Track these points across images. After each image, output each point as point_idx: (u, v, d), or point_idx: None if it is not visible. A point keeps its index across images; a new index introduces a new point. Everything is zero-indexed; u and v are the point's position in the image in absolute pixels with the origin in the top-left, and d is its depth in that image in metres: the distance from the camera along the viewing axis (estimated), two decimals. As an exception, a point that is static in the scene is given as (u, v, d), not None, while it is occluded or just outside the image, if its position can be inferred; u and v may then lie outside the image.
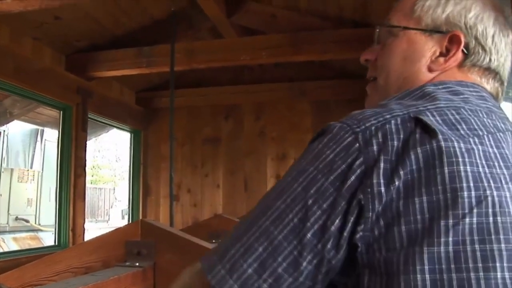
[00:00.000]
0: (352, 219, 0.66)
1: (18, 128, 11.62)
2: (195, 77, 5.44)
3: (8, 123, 9.00)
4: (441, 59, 0.89)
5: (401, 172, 0.66)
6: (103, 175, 29.48)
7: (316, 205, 0.68)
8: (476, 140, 0.71)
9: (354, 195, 0.67)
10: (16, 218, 11.12)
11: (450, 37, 0.88)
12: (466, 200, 0.64)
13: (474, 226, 0.63)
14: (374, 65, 1.00)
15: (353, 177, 0.67)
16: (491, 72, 0.91)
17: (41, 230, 10.96)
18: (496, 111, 0.82)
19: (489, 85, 0.90)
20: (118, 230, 2.20)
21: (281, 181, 0.74)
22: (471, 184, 0.65)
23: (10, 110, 7.38)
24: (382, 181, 0.66)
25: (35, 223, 11.52)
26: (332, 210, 0.67)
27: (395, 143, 0.68)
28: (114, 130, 6.15)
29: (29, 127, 11.45)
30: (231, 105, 5.58)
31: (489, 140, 0.72)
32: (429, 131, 0.69)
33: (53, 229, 4.44)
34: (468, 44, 0.88)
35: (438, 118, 0.72)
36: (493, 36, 0.89)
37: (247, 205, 5.26)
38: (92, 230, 11.42)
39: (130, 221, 5.61)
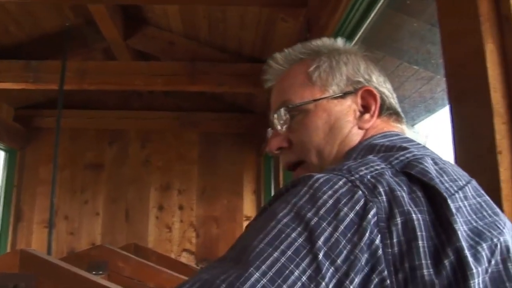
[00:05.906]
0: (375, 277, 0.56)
1: None
2: (80, 98, 5.16)
3: None
4: (367, 116, 0.89)
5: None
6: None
7: (329, 260, 0.55)
8: (461, 195, 0.65)
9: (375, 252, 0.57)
10: None
11: (362, 93, 0.90)
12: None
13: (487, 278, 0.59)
14: (290, 151, 0.94)
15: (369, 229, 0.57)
16: (398, 114, 0.93)
17: None
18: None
19: (402, 128, 0.92)
20: (-9, 260, 1.99)
21: (257, 230, 0.59)
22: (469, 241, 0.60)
23: None
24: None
25: None
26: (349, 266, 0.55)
27: (404, 194, 0.61)
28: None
29: None
30: (117, 131, 5.38)
31: (470, 191, 0.68)
32: (428, 187, 0.63)
33: None
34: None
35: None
36: (384, 82, 0.94)
37: (127, 235, 5.05)
38: None
39: (-4, 248, 5.16)
